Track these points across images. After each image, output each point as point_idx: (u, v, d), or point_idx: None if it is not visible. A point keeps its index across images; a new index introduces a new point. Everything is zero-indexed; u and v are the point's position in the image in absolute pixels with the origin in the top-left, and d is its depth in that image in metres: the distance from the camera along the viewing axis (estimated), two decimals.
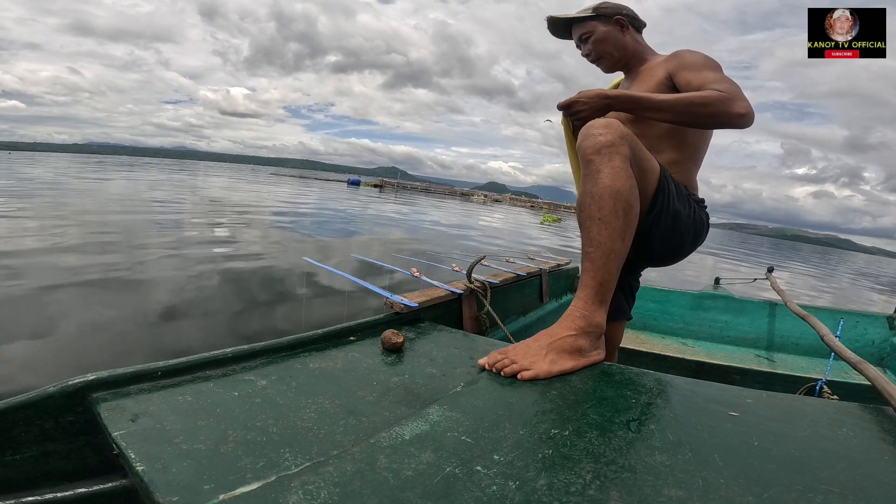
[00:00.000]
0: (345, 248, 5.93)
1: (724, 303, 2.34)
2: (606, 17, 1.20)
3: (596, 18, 1.20)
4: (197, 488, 0.42)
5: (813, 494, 0.45)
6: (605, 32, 1.20)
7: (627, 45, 1.21)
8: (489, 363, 0.77)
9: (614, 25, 1.20)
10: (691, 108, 0.94)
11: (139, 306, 2.75)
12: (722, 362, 1.92)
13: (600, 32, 1.20)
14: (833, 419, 0.64)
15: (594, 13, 1.20)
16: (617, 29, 1.20)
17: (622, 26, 1.20)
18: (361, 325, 0.93)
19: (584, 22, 1.22)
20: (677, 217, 1.00)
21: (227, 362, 0.71)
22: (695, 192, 1.13)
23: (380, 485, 0.44)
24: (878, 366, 2.04)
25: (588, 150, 0.84)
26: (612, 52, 1.21)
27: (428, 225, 11.20)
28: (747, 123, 0.95)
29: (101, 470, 0.56)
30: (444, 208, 21.11)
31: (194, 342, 2.33)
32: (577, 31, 1.24)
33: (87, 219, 5.97)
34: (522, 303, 1.83)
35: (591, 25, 1.21)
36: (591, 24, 1.21)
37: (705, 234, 1.12)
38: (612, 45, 1.20)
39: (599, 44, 1.21)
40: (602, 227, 0.81)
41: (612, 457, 0.51)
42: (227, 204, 10.14)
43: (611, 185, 0.81)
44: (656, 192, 0.96)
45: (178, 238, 5.18)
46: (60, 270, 3.31)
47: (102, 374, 0.59)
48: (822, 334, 1.21)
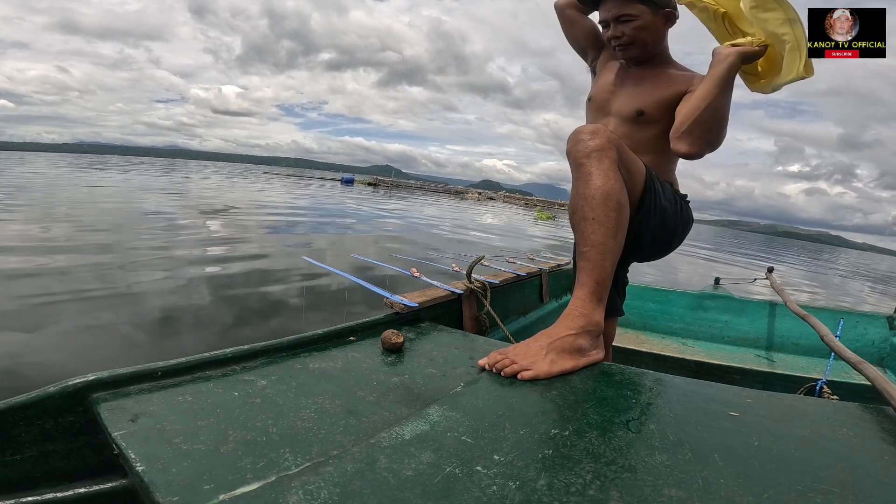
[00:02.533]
0: (343, 248, 5.93)
1: (724, 303, 2.34)
2: (659, 5, 1.08)
3: (647, 3, 1.07)
4: (197, 488, 0.42)
5: (813, 494, 0.45)
6: (653, 21, 1.08)
7: (664, 42, 1.12)
8: (489, 363, 0.77)
9: (662, 17, 1.09)
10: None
11: (134, 309, 2.73)
12: (722, 362, 1.92)
13: (647, 20, 1.08)
14: (833, 419, 0.64)
15: None
16: (662, 21, 1.09)
17: (668, 20, 1.10)
18: (361, 325, 0.93)
19: (631, 2, 1.08)
20: (665, 214, 1.03)
21: (227, 362, 0.71)
22: (677, 188, 1.16)
23: (380, 485, 0.44)
24: (878, 366, 2.04)
25: (578, 154, 0.87)
26: (650, 43, 1.10)
27: (419, 221, 11.21)
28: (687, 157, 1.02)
29: (101, 470, 0.56)
30: (438, 206, 21.13)
31: (193, 344, 2.33)
32: (614, 8, 1.09)
33: (79, 220, 5.95)
34: (522, 303, 1.83)
35: (638, 8, 1.08)
36: (640, 7, 1.08)
37: (689, 228, 1.16)
38: (652, 36, 1.10)
39: (641, 31, 1.08)
40: (596, 227, 0.83)
41: (612, 457, 0.51)
42: (221, 205, 10.12)
43: (602, 186, 0.84)
44: (644, 192, 0.98)
45: (170, 240, 5.17)
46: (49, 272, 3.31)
47: (102, 374, 0.59)
48: (822, 334, 1.21)
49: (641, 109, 1.11)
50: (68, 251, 3.99)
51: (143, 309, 2.71)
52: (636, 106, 1.12)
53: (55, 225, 5.32)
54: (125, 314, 2.60)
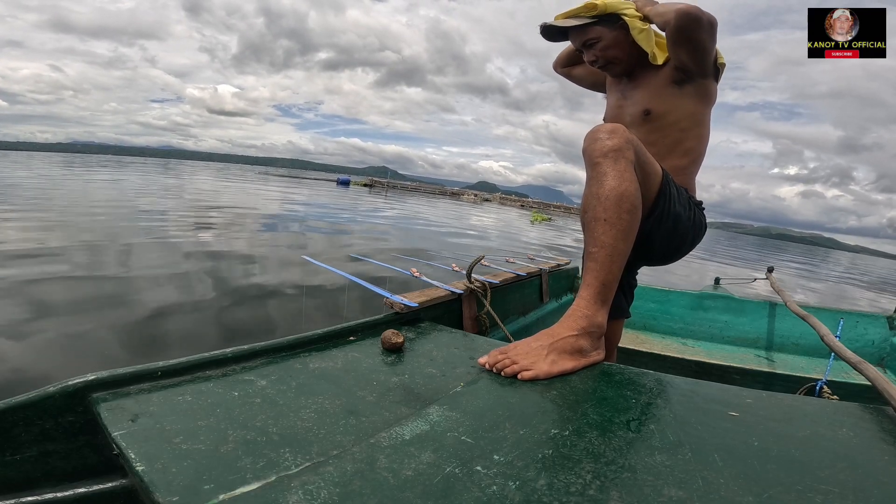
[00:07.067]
0: (342, 248, 5.93)
1: (724, 303, 2.34)
2: (611, 20, 1.09)
3: (600, 23, 1.10)
4: (197, 488, 0.42)
5: (813, 494, 0.45)
6: (614, 37, 1.10)
7: (637, 48, 1.11)
8: (489, 363, 0.77)
9: (621, 29, 1.09)
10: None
11: (129, 309, 2.72)
12: (722, 362, 1.92)
13: (609, 38, 1.10)
14: (833, 419, 0.64)
15: (596, 17, 1.10)
16: (623, 34, 1.10)
17: (628, 30, 1.09)
18: (361, 325, 0.93)
19: (584, 29, 1.12)
20: (678, 219, 1.02)
21: (227, 362, 0.71)
22: (694, 194, 1.15)
23: (380, 485, 0.44)
24: (878, 366, 2.04)
25: (595, 153, 0.85)
26: (622, 56, 1.12)
27: (414, 222, 11.21)
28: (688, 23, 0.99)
29: (101, 470, 0.56)
30: (433, 207, 21.13)
31: (192, 344, 2.33)
32: (578, 37, 1.15)
33: (73, 220, 5.94)
34: (522, 303, 1.83)
35: (596, 31, 1.11)
36: (596, 29, 1.10)
37: (703, 235, 1.15)
38: (621, 49, 1.11)
39: (608, 49, 1.11)
40: (607, 228, 0.82)
41: (612, 457, 0.51)
42: (216, 205, 10.10)
43: (616, 187, 0.82)
44: (658, 195, 0.97)
45: (166, 236, 5.16)
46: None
47: (102, 374, 0.59)
48: (822, 334, 1.21)
49: (647, 109, 1.12)
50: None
51: (132, 314, 2.67)
52: (642, 107, 1.13)
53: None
54: (110, 316, 2.57)
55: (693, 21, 0.96)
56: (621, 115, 1.18)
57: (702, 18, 0.96)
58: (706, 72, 1.07)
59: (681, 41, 1.01)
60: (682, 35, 1.00)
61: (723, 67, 1.11)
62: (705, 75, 1.08)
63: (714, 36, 1.00)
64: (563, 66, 1.40)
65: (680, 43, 1.02)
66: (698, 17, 0.96)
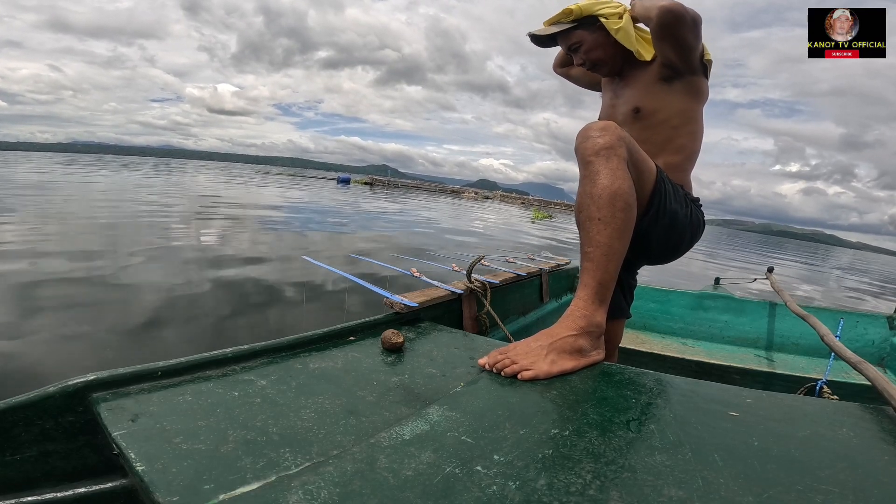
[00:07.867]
0: (342, 247, 5.92)
1: (724, 303, 2.34)
2: (589, 23, 1.12)
3: (579, 27, 1.12)
4: (197, 488, 0.42)
5: (813, 494, 0.45)
6: (595, 39, 1.12)
7: (621, 47, 1.12)
8: (489, 363, 0.77)
9: (600, 31, 1.11)
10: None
11: (130, 310, 2.72)
12: (722, 362, 1.92)
13: (590, 41, 1.13)
14: (833, 419, 0.64)
15: (575, 22, 1.12)
16: (604, 35, 1.11)
17: (609, 31, 1.11)
18: (361, 324, 0.93)
19: (567, 34, 1.14)
20: (674, 217, 1.02)
21: (227, 362, 0.71)
22: (690, 191, 1.15)
23: (380, 485, 0.44)
24: (878, 366, 2.04)
25: (587, 151, 0.85)
26: (607, 57, 1.14)
27: (415, 221, 11.21)
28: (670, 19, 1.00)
29: (101, 470, 0.56)
30: (434, 205, 21.12)
31: (191, 344, 2.33)
32: (563, 43, 1.18)
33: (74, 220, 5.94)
34: (522, 303, 1.83)
35: (577, 35, 1.14)
36: (577, 33, 1.13)
37: (701, 232, 1.14)
38: (605, 51, 1.13)
39: (592, 52, 1.14)
40: (601, 227, 0.82)
41: (612, 457, 0.51)
42: (218, 203, 10.08)
43: (609, 185, 0.82)
44: (653, 193, 0.97)
45: (167, 239, 5.16)
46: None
47: (102, 374, 0.59)
48: (822, 334, 1.21)
49: (637, 106, 1.12)
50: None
51: (134, 312, 2.68)
52: (632, 105, 1.13)
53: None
54: (111, 316, 2.57)
55: (676, 18, 0.97)
56: (614, 114, 1.19)
57: (685, 15, 0.96)
58: (693, 68, 1.07)
59: (664, 38, 1.02)
60: (665, 32, 1.00)
61: (710, 64, 1.11)
62: (693, 72, 1.07)
63: (698, 33, 1.01)
64: (561, 66, 1.42)
65: (664, 39, 1.02)
66: (681, 13, 0.96)
